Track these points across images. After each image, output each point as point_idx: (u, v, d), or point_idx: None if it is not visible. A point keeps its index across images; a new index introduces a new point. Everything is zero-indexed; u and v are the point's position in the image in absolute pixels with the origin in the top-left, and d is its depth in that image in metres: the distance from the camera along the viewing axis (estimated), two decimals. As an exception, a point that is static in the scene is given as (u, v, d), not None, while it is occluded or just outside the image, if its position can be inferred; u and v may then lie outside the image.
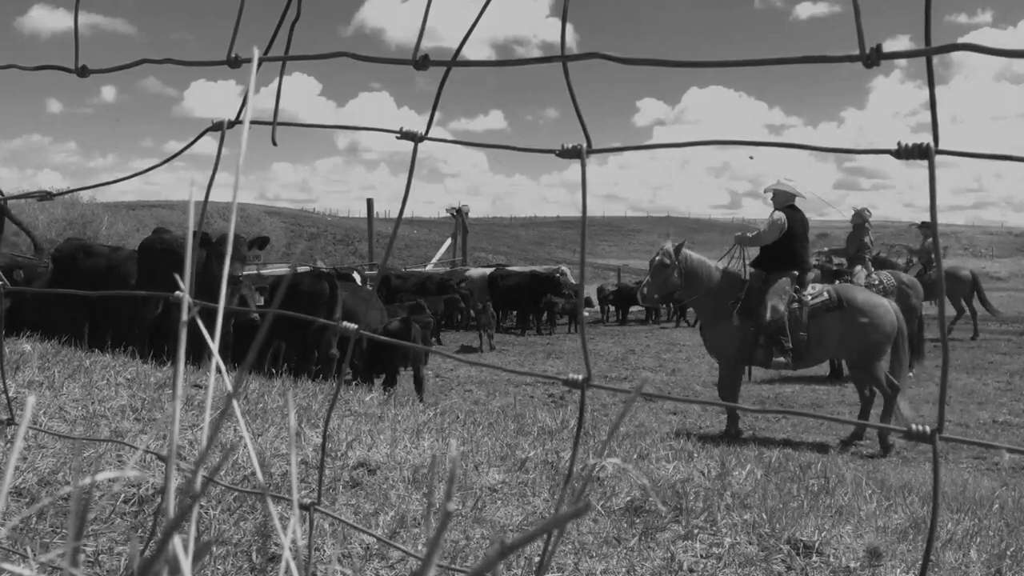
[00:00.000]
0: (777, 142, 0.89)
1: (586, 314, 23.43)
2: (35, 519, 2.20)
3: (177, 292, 1.05)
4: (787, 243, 8.56)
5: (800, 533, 2.69)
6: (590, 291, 24.22)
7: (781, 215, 8.56)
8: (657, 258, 8.51)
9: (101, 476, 0.58)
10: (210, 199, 1.24)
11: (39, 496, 2.41)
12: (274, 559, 2.19)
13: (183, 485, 2.51)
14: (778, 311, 8.29)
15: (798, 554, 2.57)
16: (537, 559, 2.29)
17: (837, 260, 13.06)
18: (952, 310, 17.91)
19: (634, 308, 23.43)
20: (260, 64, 0.98)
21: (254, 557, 2.18)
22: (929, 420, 4.27)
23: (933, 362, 12.96)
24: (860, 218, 12.92)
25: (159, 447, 2.97)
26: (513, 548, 0.36)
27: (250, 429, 3.34)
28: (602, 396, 9.94)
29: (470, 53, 1.25)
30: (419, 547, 2.39)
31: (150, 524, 2.25)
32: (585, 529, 2.60)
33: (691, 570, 2.41)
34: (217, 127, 1.15)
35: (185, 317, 0.64)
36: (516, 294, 20.10)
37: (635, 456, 3.85)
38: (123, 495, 2.46)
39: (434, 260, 28.65)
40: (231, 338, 8.40)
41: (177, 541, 0.51)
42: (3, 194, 2.05)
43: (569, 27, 0.98)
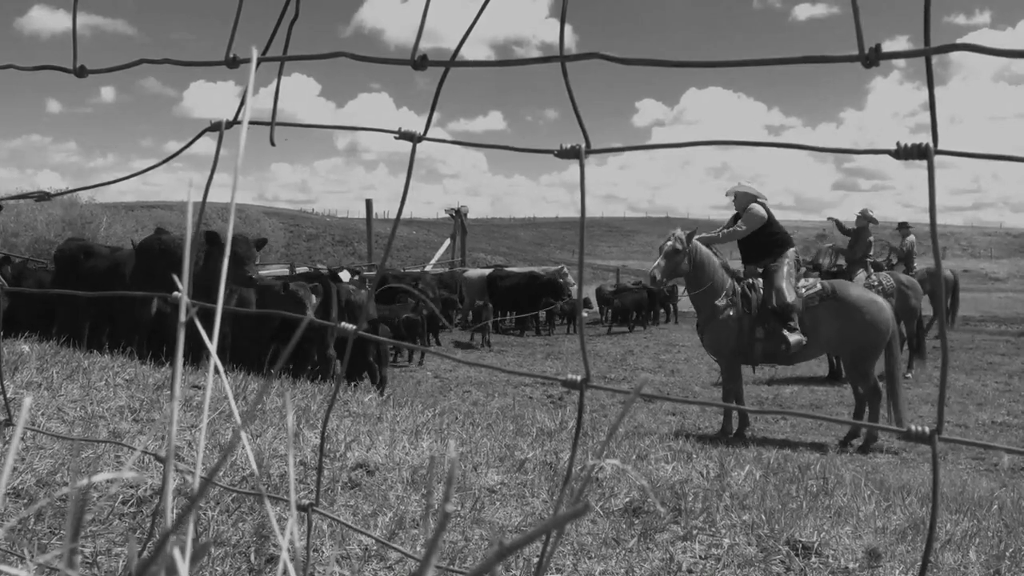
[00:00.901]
0: (777, 142, 0.89)
1: (585, 315, 23.43)
2: (33, 520, 2.20)
3: (175, 292, 1.04)
4: (769, 228, 8.68)
5: (799, 534, 2.69)
6: (589, 292, 24.20)
7: (759, 206, 8.66)
8: (669, 243, 8.51)
9: (98, 477, 0.57)
10: (209, 199, 1.24)
11: (37, 497, 2.41)
12: (272, 560, 2.19)
13: (181, 486, 2.51)
14: (788, 294, 8.36)
15: (797, 555, 2.57)
16: (536, 560, 2.29)
17: (839, 261, 13.08)
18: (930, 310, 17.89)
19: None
20: (258, 64, 0.98)
21: (252, 558, 2.18)
22: (928, 421, 4.26)
23: (933, 363, 12.97)
24: (865, 219, 12.91)
25: (157, 448, 2.97)
26: (512, 549, 0.36)
27: (248, 430, 3.34)
28: (601, 397, 9.94)
29: (469, 53, 1.25)
30: (418, 548, 2.39)
31: (148, 525, 2.25)
32: (584, 530, 2.60)
33: (690, 571, 2.40)
34: (215, 127, 1.14)
35: (183, 318, 0.64)
36: (515, 295, 20.09)
37: (634, 457, 3.85)
38: (121, 496, 2.46)
39: (433, 261, 28.64)
40: (229, 339, 8.39)
41: (175, 543, 0.51)
42: None
43: (568, 28, 0.98)
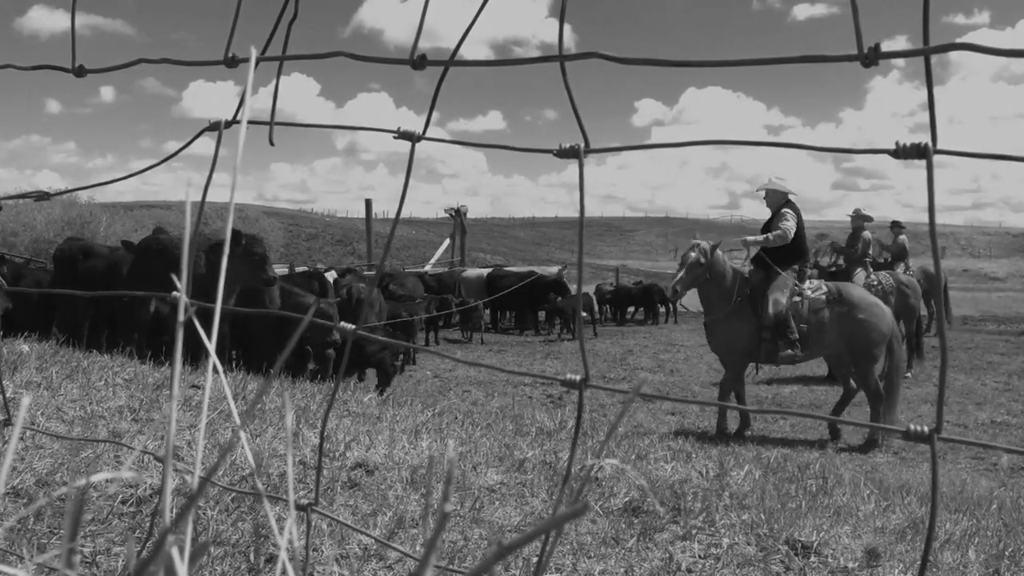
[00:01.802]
0: (776, 142, 0.89)
1: (585, 315, 23.44)
2: (32, 520, 2.20)
3: (174, 292, 1.04)
4: (794, 239, 8.61)
5: (798, 533, 2.69)
6: (588, 290, 24.20)
7: (790, 224, 8.55)
8: (693, 255, 8.42)
9: (96, 477, 0.57)
10: (209, 199, 1.23)
11: (37, 497, 2.41)
12: (272, 559, 2.19)
13: (181, 486, 2.51)
14: (780, 304, 8.34)
15: (796, 554, 2.57)
16: (536, 559, 2.29)
17: (838, 260, 13.08)
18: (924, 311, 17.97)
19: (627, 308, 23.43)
20: (257, 64, 0.97)
21: (252, 558, 2.17)
22: (927, 420, 4.25)
23: (932, 362, 12.97)
24: (859, 219, 12.93)
25: (157, 448, 2.97)
26: (511, 549, 0.36)
27: (248, 430, 3.34)
28: (600, 397, 9.94)
29: (469, 53, 1.24)
30: (417, 547, 2.39)
31: (148, 525, 2.24)
32: (583, 529, 2.60)
33: (689, 570, 2.40)
34: (214, 127, 1.14)
35: (182, 317, 0.64)
36: (514, 294, 20.08)
37: (633, 456, 3.85)
38: (121, 496, 2.45)
39: (432, 260, 28.65)
40: (228, 339, 8.41)
41: (174, 542, 0.51)
42: None
43: (567, 28, 0.97)
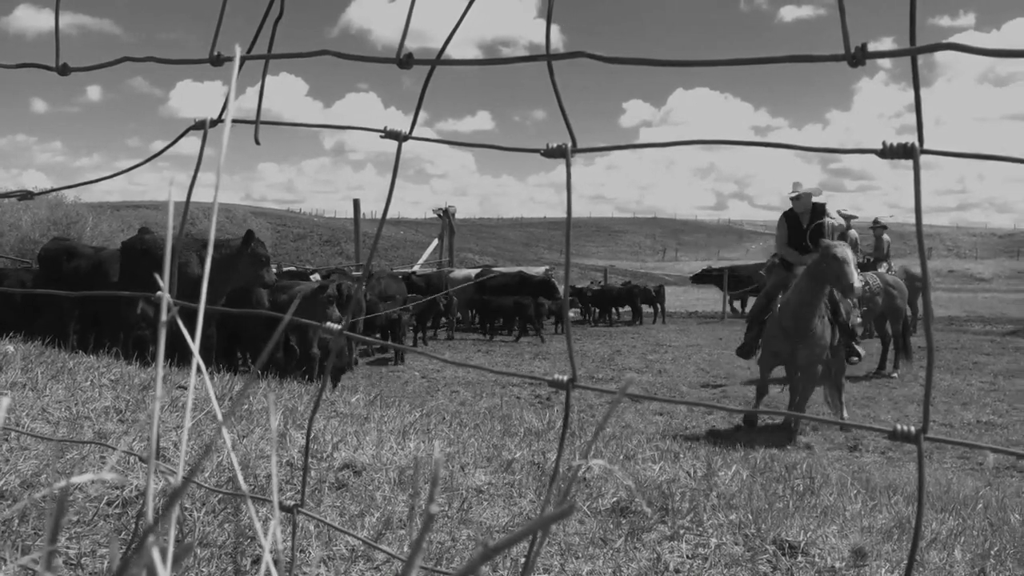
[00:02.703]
0: (765, 142, 0.89)
1: (572, 315, 23.46)
2: (16, 521, 2.18)
3: (158, 292, 1.03)
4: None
5: (786, 533, 2.70)
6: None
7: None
8: (849, 253, 8.10)
9: (79, 479, 0.57)
10: (197, 199, 1.23)
11: (22, 498, 2.39)
12: (259, 561, 2.18)
13: (167, 488, 2.49)
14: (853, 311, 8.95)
15: (784, 554, 2.57)
16: (523, 560, 2.29)
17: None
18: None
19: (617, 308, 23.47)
20: (243, 62, 0.97)
21: (238, 559, 2.16)
22: (914, 420, 4.27)
23: (919, 363, 13.04)
24: (846, 219, 13.03)
25: (143, 449, 2.95)
26: (497, 550, 0.35)
27: (233, 431, 3.32)
28: (588, 397, 9.94)
29: (456, 54, 1.24)
30: (404, 548, 2.39)
31: (133, 526, 2.23)
32: (571, 530, 2.60)
33: (677, 571, 2.40)
34: (199, 126, 1.13)
35: (165, 317, 0.63)
36: (504, 295, 20.06)
37: (621, 457, 3.85)
38: (107, 497, 2.44)
39: (421, 261, 28.60)
40: (214, 340, 8.39)
41: (156, 543, 0.50)
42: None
43: (555, 28, 0.97)
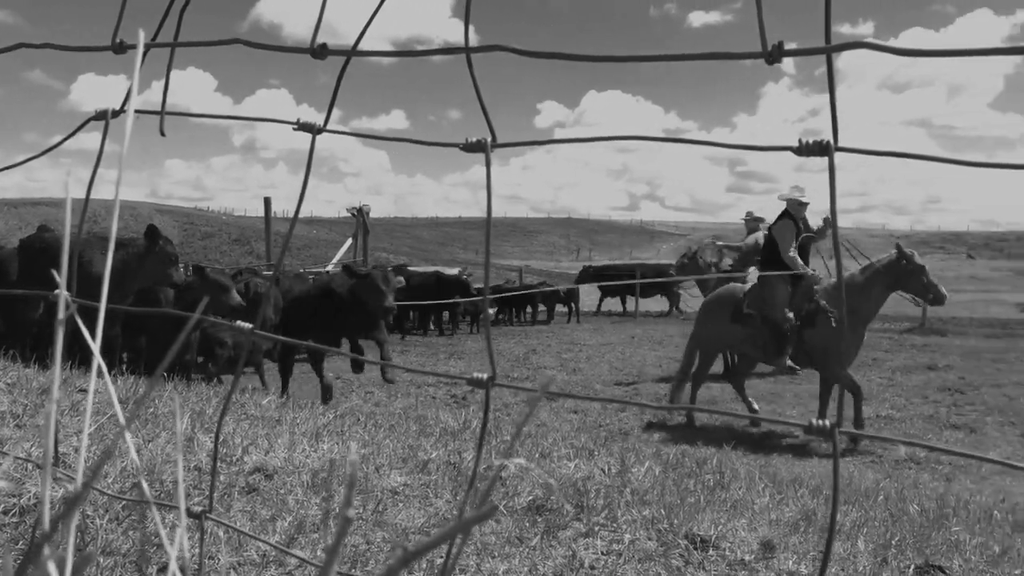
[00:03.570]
0: (686, 139, 0.90)
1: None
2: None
3: (56, 291, 0.98)
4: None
5: (697, 528, 2.75)
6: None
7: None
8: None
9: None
10: (99, 196, 1.17)
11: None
12: (165, 569, 2.10)
13: (68, 495, 2.39)
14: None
15: (695, 548, 2.62)
16: (439, 561, 2.27)
17: (729, 261, 13.46)
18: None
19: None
20: (147, 50, 0.93)
21: (144, 568, 2.09)
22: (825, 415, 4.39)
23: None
24: (753, 221, 13.38)
25: (40, 455, 2.82)
26: (417, 555, 0.34)
27: (138, 435, 3.21)
28: (504, 396, 9.96)
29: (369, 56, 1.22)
30: (318, 552, 2.34)
31: (30, 536, 2.13)
32: (488, 529, 2.59)
33: (592, 567, 2.42)
34: (101, 116, 1.08)
35: (62, 315, 0.60)
36: (420, 295, 19.96)
37: (537, 455, 3.87)
38: (2, 506, 2.32)
39: (334, 260, 28.19)
40: (119, 340, 8.13)
41: (52, 553, 0.47)
42: None
43: (471, 29, 0.96)
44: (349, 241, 29.33)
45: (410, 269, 23.31)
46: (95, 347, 0.68)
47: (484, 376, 0.99)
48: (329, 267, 25.61)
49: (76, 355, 5.79)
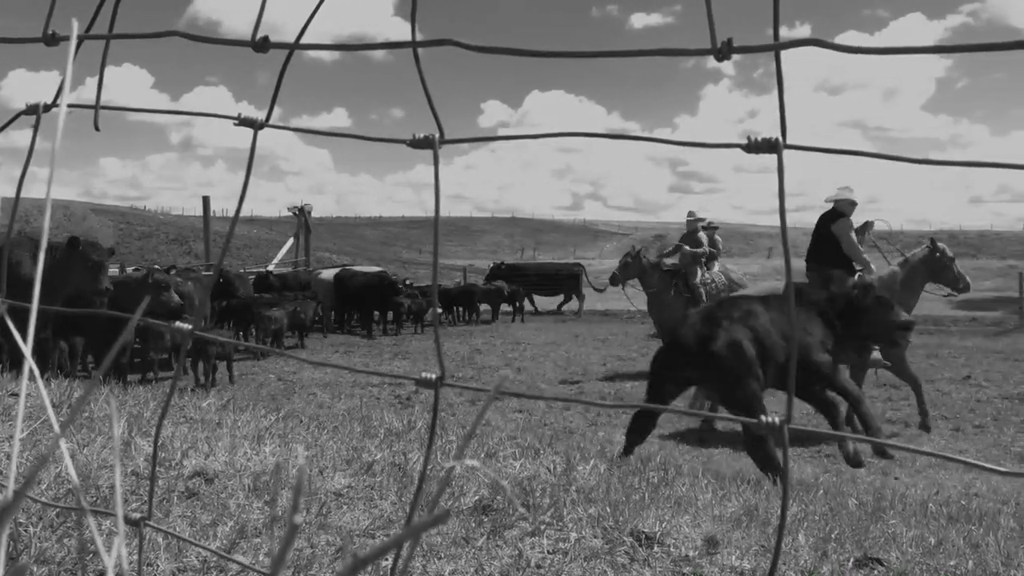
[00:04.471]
0: (636, 136, 0.90)
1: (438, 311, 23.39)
2: None
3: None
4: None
5: (642, 525, 2.77)
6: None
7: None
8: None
9: None
10: (32, 195, 1.13)
11: None
12: (101, 578, 2.05)
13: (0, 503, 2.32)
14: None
15: (640, 545, 2.64)
16: (386, 564, 2.25)
17: (670, 261, 13.62)
18: None
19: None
20: (81, 42, 0.90)
21: (79, 577, 2.03)
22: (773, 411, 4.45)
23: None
24: (695, 220, 13.59)
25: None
26: (367, 561, 0.33)
27: (73, 440, 3.13)
28: (449, 395, 9.94)
29: (313, 51, 1.20)
30: (260, 557, 2.30)
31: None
32: (434, 531, 2.58)
33: (539, 566, 2.42)
34: (32, 110, 1.04)
35: (-10, 317, 0.57)
36: (363, 295, 19.81)
37: (482, 455, 3.86)
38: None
39: (275, 260, 27.86)
40: (51, 343, 7.94)
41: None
42: None
43: (416, 25, 0.95)
44: (291, 241, 29.05)
45: (355, 269, 23.14)
46: (27, 349, 0.65)
47: (432, 376, 0.98)
48: (270, 267, 25.30)
49: (6, 359, 5.62)
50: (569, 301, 26.10)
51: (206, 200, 25.96)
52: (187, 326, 1.09)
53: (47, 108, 1.03)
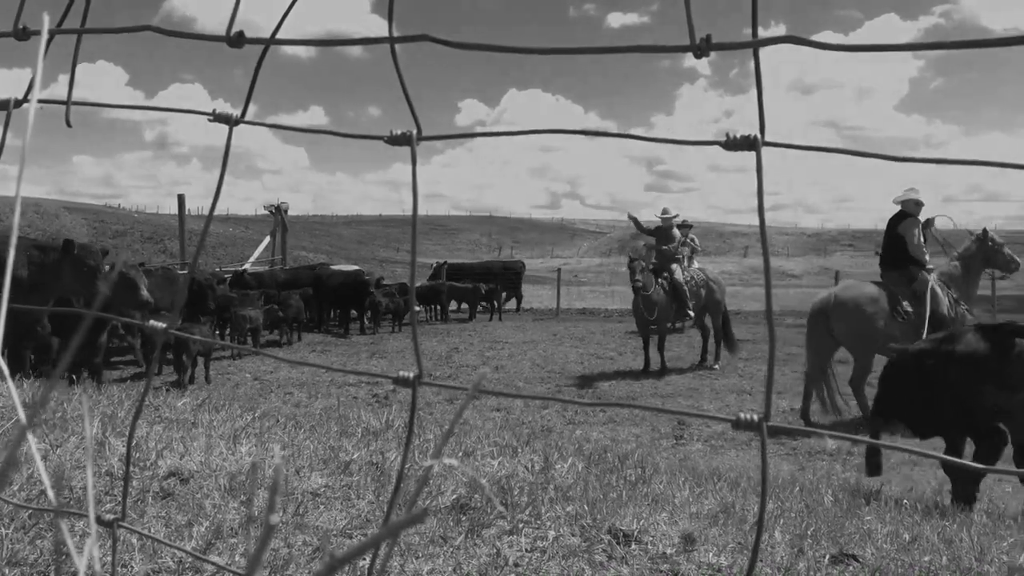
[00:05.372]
0: (617, 133, 0.90)
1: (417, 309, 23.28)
2: None
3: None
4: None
5: (620, 523, 2.77)
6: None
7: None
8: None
9: None
10: (0, 192, 1.12)
11: None
12: (74, 580, 2.02)
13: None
14: None
15: (618, 543, 2.64)
16: (363, 564, 2.24)
17: (654, 260, 13.69)
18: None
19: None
20: (52, 37, 0.89)
21: (51, 579, 2.00)
22: (747, 408, 4.47)
23: (741, 355, 13.80)
24: (668, 217, 13.67)
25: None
26: (344, 561, 0.33)
27: (45, 440, 3.09)
28: (426, 394, 9.91)
29: (289, 48, 1.19)
30: (237, 558, 2.28)
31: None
32: (412, 530, 2.57)
33: (516, 564, 2.42)
34: (2, 107, 1.03)
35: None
36: (341, 293, 19.71)
37: (460, 454, 3.85)
38: None
39: (252, 259, 27.65)
40: (50, 341, 7.93)
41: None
42: None
43: (394, 23, 0.94)
44: (267, 239, 28.84)
45: (332, 267, 23.02)
46: (-4, 349, 0.64)
47: (411, 375, 0.97)
48: (246, 265, 25.12)
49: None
50: (510, 300, 25.76)
51: (181, 198, 25.71)
52: (162, 324, 1.08)
53: (18, 104, 1.01)
